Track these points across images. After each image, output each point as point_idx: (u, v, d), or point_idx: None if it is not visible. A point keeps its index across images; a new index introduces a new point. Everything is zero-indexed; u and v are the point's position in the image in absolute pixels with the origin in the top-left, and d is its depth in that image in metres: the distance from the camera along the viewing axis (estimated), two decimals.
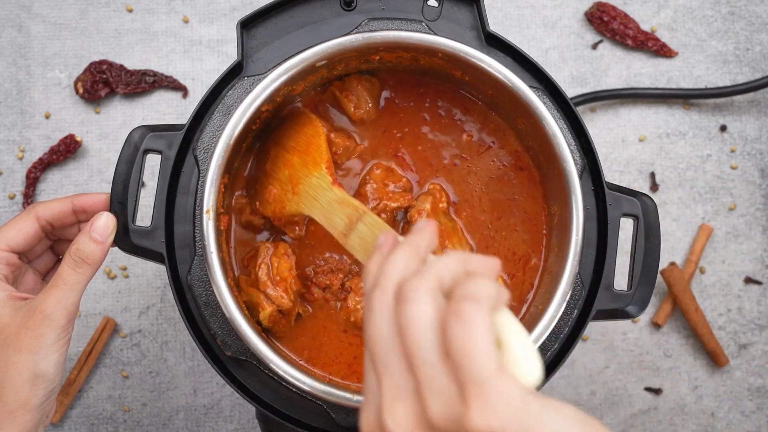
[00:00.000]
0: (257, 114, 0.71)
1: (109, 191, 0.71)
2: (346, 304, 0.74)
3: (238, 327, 0.67)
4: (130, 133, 0.71)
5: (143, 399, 0.91)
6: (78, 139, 0.92)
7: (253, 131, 0.73)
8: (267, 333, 0.73)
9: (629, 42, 0.95)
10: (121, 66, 0.94)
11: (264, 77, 0.70)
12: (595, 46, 0.96)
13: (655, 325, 0.93)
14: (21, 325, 0.66)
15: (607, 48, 0.96)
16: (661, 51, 0.96)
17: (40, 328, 0.65)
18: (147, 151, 0.71)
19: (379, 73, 0.76)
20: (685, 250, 0.94)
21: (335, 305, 0.74)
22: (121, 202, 0.70)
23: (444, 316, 0.46)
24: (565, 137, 0.70)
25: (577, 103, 0.93)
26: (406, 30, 0.72)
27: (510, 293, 0.49)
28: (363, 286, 0.52)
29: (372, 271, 0.51)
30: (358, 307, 0.73)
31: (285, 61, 0.71)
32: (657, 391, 0.93)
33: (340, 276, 0.74)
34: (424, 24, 0.73)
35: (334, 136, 0.74)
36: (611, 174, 0.95)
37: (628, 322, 0.93)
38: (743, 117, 0.96)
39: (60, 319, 0.66)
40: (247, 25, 0.73)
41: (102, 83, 0.93)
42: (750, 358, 0.93)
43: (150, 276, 0.93)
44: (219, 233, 0.70)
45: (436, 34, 0.72)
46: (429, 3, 0.74)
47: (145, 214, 0.87)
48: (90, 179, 0.94)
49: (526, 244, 0.75)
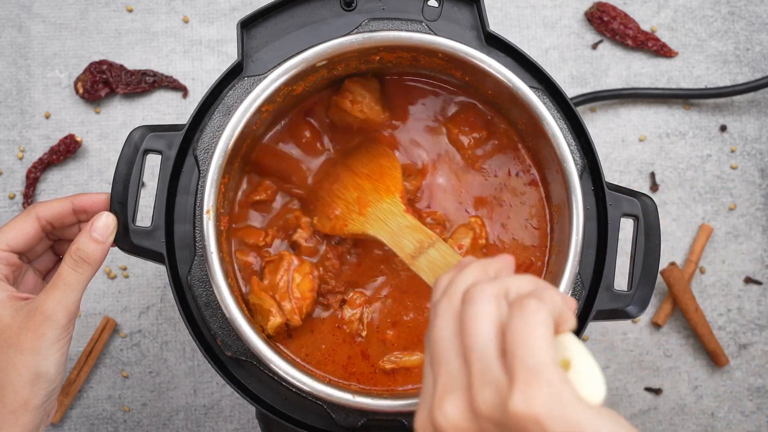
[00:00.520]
0: (257, 114, 0.71)
1: (109, 191, 0.71)
2: (342, 313, 0.74)
3: (238, 327, 0.67)
4: (130, 133, 0.71)
5: (143, 399, 0.92)
6: (78, 139, 0.92)
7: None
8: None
9: (629, 42, 0.95)
10: (121, 66, 0.94)
11: (264, 77, 0.70)
12: (595, 46, 0.96)
13: (655, 325, 0.93)
14: (21, 326, 0.66)
15: (607, 48, 0.96)
16: (661, 51, 0.96)
17: (41, 328, 0.65)
18: (147, 151, 0.71)
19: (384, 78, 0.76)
20: (685, 250, 0.94)
21: (336, 314, 0.74)
22: (121, 202, 0.70)
23: (506, 316, 0.48)
24: (565, 137, 0.70)
25: (577, 103, 0.93)
26: (406, 30, 0.72)
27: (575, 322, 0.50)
28: (432, 298, 0.55)
29: (443, 284, 0.54)
30: (353, 318, 0.74)
31: (285, 61, 0.71)
32: (657, 391, 0.93)
33: (340, 292, 0.74)
34: (424, 24, 0.73)
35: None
36: (611, 174, 0.95)
37: (628, 322, 0.93)
38: (743, 117, 0.96)
39: (60, 319, 0.66)
40: (247, 25, 0.73)
41: (102, 83, 0.93)
42: (750, 358, 0.93)
43: (150, 276, 0.93)
44: (219, 233, 0.70)
45: (436, 35, 0.72)
46: (429, 3, 0.74)
47: (145, 214, 0.87)
48: (90, 179, 0.94)
49: (527, 245, 0.75)
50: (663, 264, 0.93)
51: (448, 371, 0.49)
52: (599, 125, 0.95)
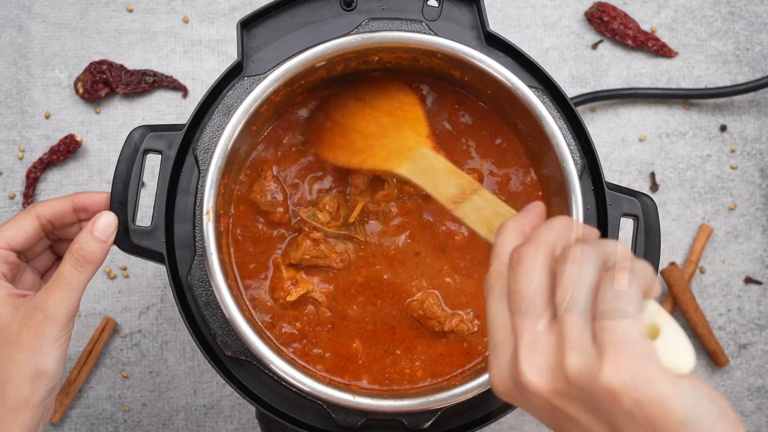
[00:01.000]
0: (257, 114, 0.71)
1: (109, 191, 0.71)
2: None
3: (238, 327, 0.67)
4: (130, 133, 0.71)
5: (143, 399, 0.92)
6: (78, 139, 0.92)
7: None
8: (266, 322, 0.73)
9: (629, 42, 0.95)
10: (121, 66, 0.94)
11: (264, 77, 0.70)
12: (595, 46, 0.96)
13: None
14: (22, 324, 0.66)
15: (607, 48, 0.96)
16: (661, 51, 0.96)
17: (41, 326, 0.66)
18: (147, 151, 0.71)
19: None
20: (685, 250, 0.94)
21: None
22: (121, 202, 0.70)
23: (600, 282, 0.49)
24: (565, 137, 0.70)
25: (577, 103, 0.93)
26: (406, 30, 0.72)
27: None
28: (496, 247, 0.53)
29: (511, 230, 0.53)
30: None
31: (285, 61, 0.71)
32: None
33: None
34: (424, 24, 0.73)
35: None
36: (611, 174, 0.95)
37: None
38: (743, 117, 0.96)
39: (61, 317, 0.66)
40: (247, 25, 0.73)
41: (102, 83, 0.93)
42: (750, 358, 0.93)
43: (150, 276, 0.93)
44: (219, 234, 0.70)
45: (436, 34, 0.72)
46: (429, 3, 0.74)
47: (145, 214, 0.87)
48: (90, 179, 0.94)
49: None
50: (663, 264, 0.93)
51: (532, 327, 0.49)
52: (599, 125, 0.95)
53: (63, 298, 0.66)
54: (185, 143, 0.72)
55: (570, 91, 0.95)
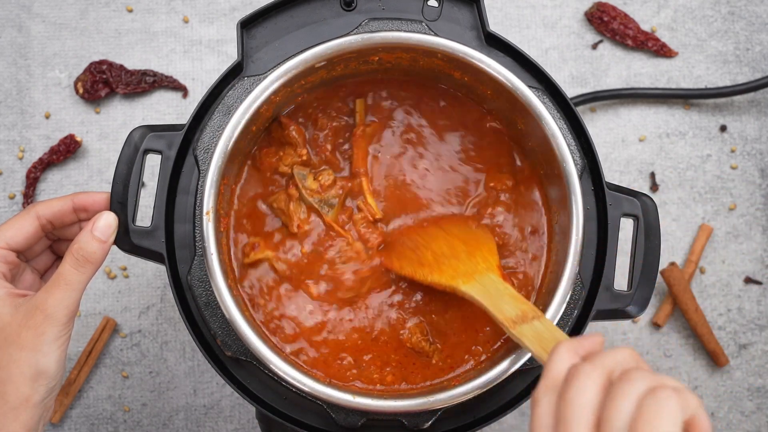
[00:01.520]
0: (257, 114, 0.71)
1: (109, 191, 0.71)
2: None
3: (238, 327, 0.67)
4: (130, 133, 0.71)
5: (143, 399, 0.92)
6: (78, 139, 0.92)
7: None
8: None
9: (629, 42, 0.95)
10: (121, 66, 0.94)
11: (264, 77, 0.70)
12: (595, 46, 0.96)
13: (655, 325, 0.93)
14: (22, 324, 0.66)
15: (607, 48, 0.96)
16: (661, 51, 0.96)
17: (42, 326, 0.66)
18: (147, 151, 0.71)
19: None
20: (685, 250, 0.94)
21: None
22: (121, 202, 0.70)
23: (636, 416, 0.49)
24: (565, 137, 0.70)
25: (577, 103, 0.93)
26: (406, 30, 0.72)
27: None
28: (549, 363, 0.54)
29: (566, 350, 0.54)
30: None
31: (285, 61, 0.71)
32: None
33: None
34: (424, 24, 0.73)
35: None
36: (611, 174, 0.95)
37: (628, 322, 0.93)
38: (743, 117, 0.96)
39: (61, 317, 0.66)
40: (247, 25, 0.73)
41: (102, 83, 0.93)
42: (750, 358, 0.93)
43: (150, 276, 0.93)
44: (219, 235, 0.70)
45: (436, 35, 0.72)
46: (429, 3, 0.74)
47: (145, 214, 0.87)
48: (90, 179, 0.94)
49: (526, 245, 0.75)
50: (663, 264, 0.93)
51: None
52: (599, 125, 0.95)
53: (63, 297, 0.67)
54: (185, 143, 0.72)
55: (570, 91, 0.95)
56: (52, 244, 0.75)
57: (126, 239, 0.71)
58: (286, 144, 0.74)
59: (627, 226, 0.91)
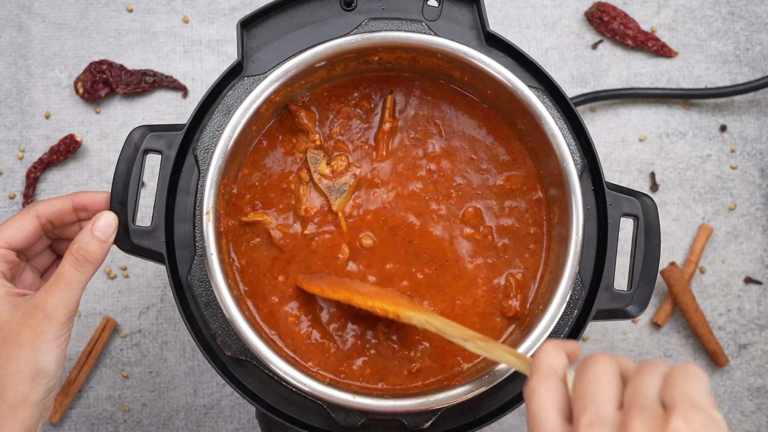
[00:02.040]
0: (257, 114, 0.71)
1: (109, 191, 0.71)
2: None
3: (238, 327, 0.67)
4: (130, 133, 0.71)
5: (143, 399, 0.92)
6: (78, 139, 0.92)
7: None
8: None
9: (629, 42, 0.95)
10: (121, 66, 0.94)
11: (264, 77, 0.70)
12: (595, 46, 0.96)
13: (655, 325, 0.93)
14: (21, 323, 0.66)
15: (607, 48, 0.96)
16: (661, 51, 0.96)
17: (41, 325, 0.66)
18: (147, 151, 0.71)
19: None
20: (685, 250, 0.94)
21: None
22: (121, 202, 0.70)
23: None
24: (565, 137, 0.70)
25: (577, 103, 0.93)
26: (406, 30, 0.72)
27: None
28: (539, 359, 0.54)
29: (553, 347, 0.54)
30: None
31: (285, 61, 0.71)
32: None
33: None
34: (424, 24, 0.73)
35: None
36: (611, 174, 0.95)
37: (628, 322, 0.93)
38: (743, 117, 0.96)
39: (61, 317, 0.66)
40: (247, 25, 0.73)
41: (102, 83, 0.93)
42: (750, 358, 0.93)
43: (150, 276, 0.93)
44: (219, 234, 0.70)
45: (436, 34, 0.72)
46: (429, 3, 0.74)
47: (145, 214, 0.87)
48: (90, 179, 0.94)
49: (527, 245, 0.75)
50: (663, 264, 0.93)
51: (597, 408, 0.50)
52: (599, 125, 0.95)
53: (63, 297, 0.67)
54: (185, 143, 0.72)
55: (570, 91, 0.95)
56: (52, 244, 0.75)
57: (126, 239, 0.71)
58: (298, 131, 0.75)
59: (627, 226, 0.91)
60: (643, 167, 0.95)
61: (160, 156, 0.71)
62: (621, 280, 0.82)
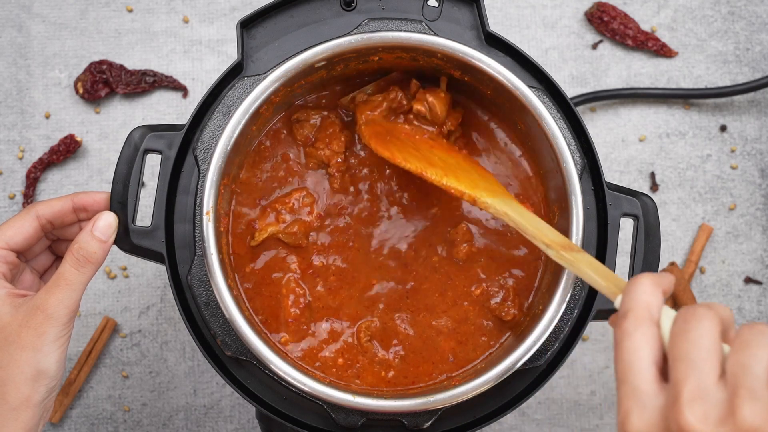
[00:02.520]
0: (257, 114, 0.71)
1: (109, 191, 0.71)
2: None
3: (238, 327, 0.67)
4: (130, 133, 0.71)
5: (143, 399, 0.92)
6: (78, 139, 0.92)
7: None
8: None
9: (629, 42, 0.95)
10: (121, 66, 0.94)
11: (264, 77, 0.70)
12: (595, 46, 0.96)
13: None
14: (22, 324, 0.66)
15: (607, 48, 0.96)
16: (661, 51, 0.96)
17: (42, 326, 0.66)
18: (147, 151, 0.71)
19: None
20: (685, 250, 0.94)
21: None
22: (121, 202, 0.70)
23: None
24: (564, 137, 0.70)
25: (577, 103, 0.93)
26: (406, 30, 0.72)
27: None
28: (634, 294, 0.51)
29: (650, 282, 0.51)
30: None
31: (285, 61, 0.71)
32: None
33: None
34: (424, 24, 0.73)
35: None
36: (611, 174, 0.95)
37: None
38: (743, 117, 0.96)
39: (61, 317, 0.66)
40: (247, 25, 0.73)
41: (102, 83, 0.93)
42: None
43: (150, 276, 0.93)
44: (219, 234, 0.70)
45: (436, 34, 0.72)
46: (429, 3, 0.74)
47: (145, 214, 0.87)
48: (90, 179, 0.94)
49: (526, 245, 0.75)
50: (663, 264, 0.93)
51: (698, 379, 0.47)
52: (599, 125, 0.95)
53: (63, 297, 0.67)
54: (185, 143, 0.72)
55: (570, 91, 0.95)
56: (52, 244, 0.75)
57: (126, 239, 0.71)
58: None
59: (627, 226, 0.91)
60: (643, 167, 0.95)
61: (160, 156, 0.71)
62: None
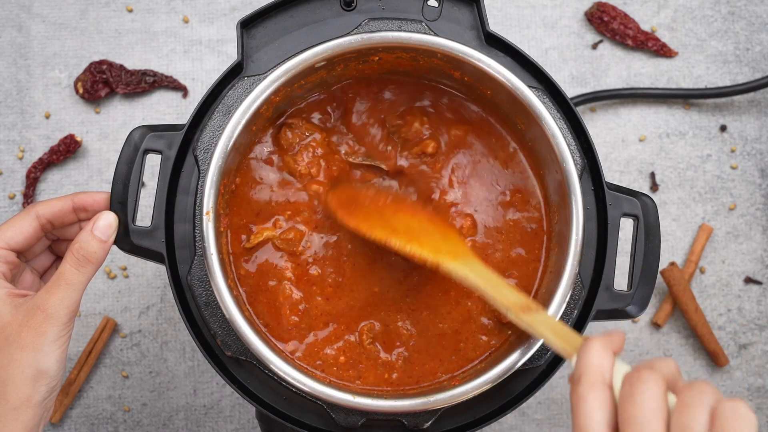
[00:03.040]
0: (257, 114, 0.71)
1: (109, 191, 0.71)
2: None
3: (238, 327, 0.67)
4: (130, 133, 0.71)
5: (143, 399, 0.92)
6: (78, 139, 0.92)
7: None
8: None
9: (629, 42, 0.95)
10: (121, 66, 0.94)
11: (264, 77, 0.70)
12: (595, 46, 0.96)
13: (655, 325, 0.93)
14: (22, 324, 0.66)
15: (607, 48, 0.96)
16: (661, 51, 0.96)
17: (42, 326, 0.66)
18: (147, 151, 0.71)
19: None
20: (685, 250, 0.94)
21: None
22: (121, 202, 0.70)
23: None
24: (565, 137, 0.70)
25: (577, 103, 0.93)
26: (406, 30, 0.72)
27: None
28: (586, 360, 0.55)
29: (600, 347, 0.55)
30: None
31: (285, 61, 0.71)
32: None
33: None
34: (424, 24, 0.73)
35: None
36: (611, 174, 0.95)
37: (628, 322, 0.93)
38: (743, 117, 0.96)
39: (62, 317, 0.66)
40: (247, 25, 0.73)
41: (102, 83, 0.93)
42: (750, 358, 0.93)
43: (150, 276, 0.93)
44: (219, 234, 0.70)
45: (436, 34, 0.72)
46: (429, 3, 0.74)
47: (145, 214, 0.87)
48: (90, 179, 0.94)
49: (527, 245, 0.75)
50: (663, 264, 0.93)
51: None
52: (599, 125, 0.95)
53: (64, 297, 0.67)
54: (185, 143, 0.72)
55: (570, 91, 0.95)
56: (52, 244, 0.75)
57: (126, 239, 0.71)
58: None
59: (627, 226, 0.91)
60: (643, 167, 0.95)
61: (160, 156, 0.71)
62: (621, 280, 0.82)
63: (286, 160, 0.74)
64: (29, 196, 0.92)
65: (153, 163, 0.92)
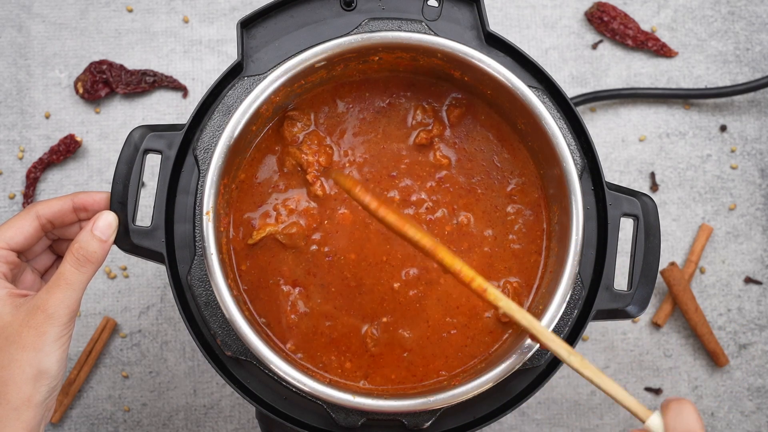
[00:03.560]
0: (257, 114, 0.71)
1: (109, 191, 0.71)
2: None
3: (238, 327, 0.67)
4: (130, 133, 0.71)
5: (143, 399, 0.92)
6: (78, 139, 0.92)
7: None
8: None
9: (629, 42, 0.95)
10: (121, 66, 0.94)
11: (264, 77, 0.70)
12: (595, 46, 0.96)
13: (655, 325, 0.93)
14: (23, 324, 0.66)
15: (607, 48, 0.96)
16: (661, 51, 0.96)
17: (43, 326, 0.66)
18: (147, 151, 0.71)
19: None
20: (685, 250, 0.94)
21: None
22: (121, 202, 0.70)
23: None
24: (565, 137, 0.71)
25: (577, 103, 0.93)
26: (406, 30, 0.72)
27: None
28: (683, 418, 0.60)
29: (694, 410, 0.60)
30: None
31: (285, 61, 0.71)
32: (657, 391, 0.93)
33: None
34: (424, 24, 0.73)
35: None
36: (611, 174, 0.95)
37: (628, 322, 0.93)
38: (743, 117, 0.96)
39: (62, 317, 0.66)
40: (247, 25, 0.73)
41: (102, 83, 0.93)
42: (750, 358, 0.93)
43: (150, 276, 0.93)
44: (219, 234, 0.70)
45: (436, 34, 0.72)
46: (429, 3, 0.74)
47: (145, 214, 0.87)
48: (90, 179, 0.94)
49: (527, 245, 0.75)
50: (663, 264, 0.93)
51: None
52: (599, 125, 0.95)
53: (64, 297, 0.67)
54: (185, 143, 0.72)
55: (570, 91, 0.95)
56: (52, 244, 0.75)
57: (126, 239, 0.71)
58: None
59: (627, 226, 0.91)
60: (643, 167, 0.95)
61: (160, 156, 0.71)
62: (621, 280, 0.82)
63: (292, 151, 0.74)
64: (29, 196, 0.92)
65: (153, 163, 0.92)
